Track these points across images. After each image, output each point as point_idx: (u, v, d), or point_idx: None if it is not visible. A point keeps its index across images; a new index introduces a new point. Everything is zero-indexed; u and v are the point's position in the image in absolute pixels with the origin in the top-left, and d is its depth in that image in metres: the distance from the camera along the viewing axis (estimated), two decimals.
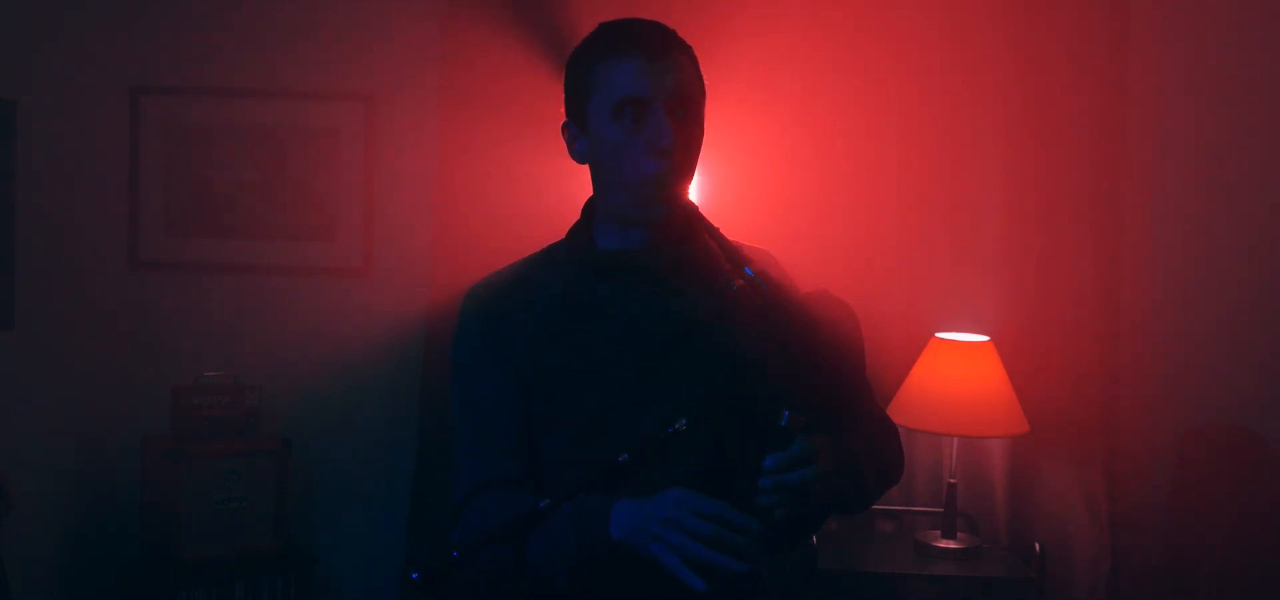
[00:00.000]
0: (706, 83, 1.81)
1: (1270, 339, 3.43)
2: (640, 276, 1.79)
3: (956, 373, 3.19)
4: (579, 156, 1.83)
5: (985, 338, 3.28)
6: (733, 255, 1.70)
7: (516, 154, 3.41)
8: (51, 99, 3.24)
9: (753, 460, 1.63)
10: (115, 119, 3.55)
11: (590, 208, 1.88)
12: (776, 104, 3.41)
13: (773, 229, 3.02)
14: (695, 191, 1.83)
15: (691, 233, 1.78)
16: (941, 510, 3.28)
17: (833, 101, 3.42)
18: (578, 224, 1.88)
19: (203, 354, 3.50)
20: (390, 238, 3.62)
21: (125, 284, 3.60)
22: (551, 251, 1.88)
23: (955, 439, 3.22)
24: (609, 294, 1.79)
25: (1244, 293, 3.44)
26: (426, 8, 3.53)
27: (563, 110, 1.85)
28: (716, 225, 1.75)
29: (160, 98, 3.57)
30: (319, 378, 3.57)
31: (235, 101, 3.58)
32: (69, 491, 3.45)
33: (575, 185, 3.35)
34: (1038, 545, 3.19)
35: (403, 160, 3.60)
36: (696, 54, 1.81)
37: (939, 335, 3.30)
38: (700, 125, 1.79)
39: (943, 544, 3.22)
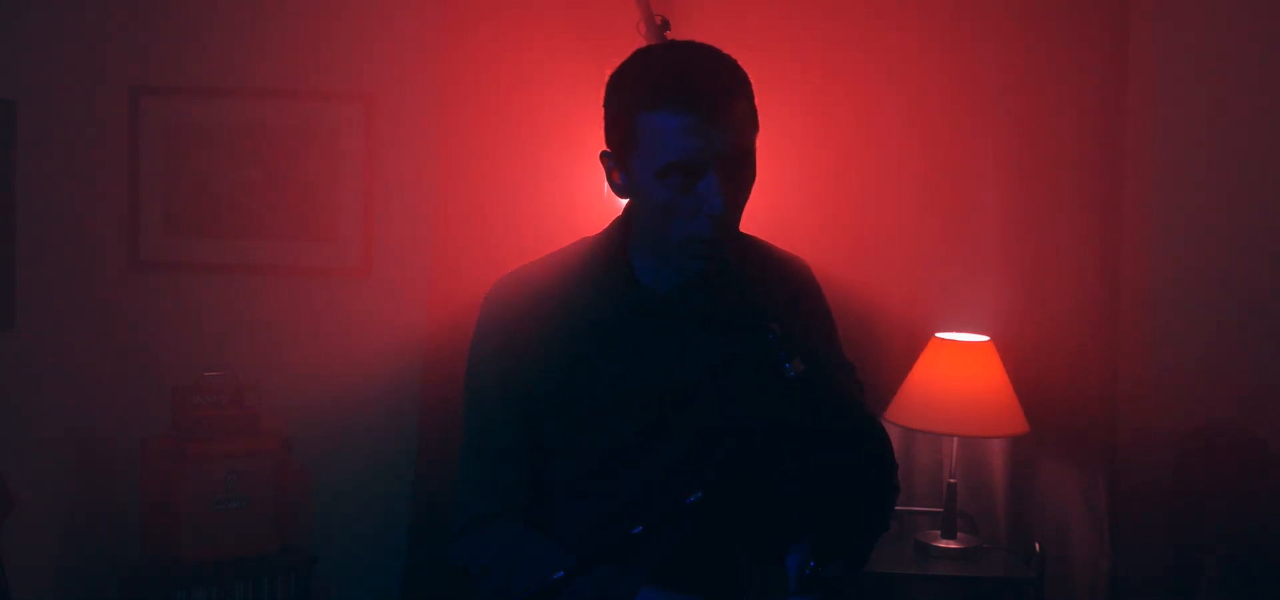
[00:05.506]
0: None
1: (1270, 339, 3.43)
2: (674, 318, 1.69)
3: (956, 373, 3.19)
4: (619, 191, 1.67)
5: (985, 338, 3.28)
6: (772, 315, 1.57)
7: (516, 153, 3.41)
8: (51, 99, 3.24)
9: (765, 512, 1.59)
10: (115, 119, 3.55)
11: (626, 224, 1.74)
12: (776, 105, 3.40)
13: (772, 230, 3.02)
14: None
15: (732, 271, 1.65)
16: (941, 510, 3.28)
17: (832, 102, 3.42)
18: (613, 240, 1.74)
19: (203, 354, 3.50)
20: (390, 238, 3.62)
21: (125, 284, 3.60)
22: (583, 265, 1.74)
23: (955, 439, 3.22)
24: (642, 329, 1.69)
25: (1244, 293, 3.44)
26: (426, 8, 3.53)
27: (564, 110, 1.81)
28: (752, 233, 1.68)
29: (160, 98, 3.57)
30: (319, 378, 3.57)
31: (235, 101, 3.58)
32: (69, 492, 3.45)
33: (575, 185, 3.34)
34: (1038, 545, 3.19)
35: (403, 160, 3.60)
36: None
37: (939, 335, 3.30)
38: (753, 172, 1.62)
39: (943, 544, 3.22)
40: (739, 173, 1.59)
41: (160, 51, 3.57)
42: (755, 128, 1.61)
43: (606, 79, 1.67)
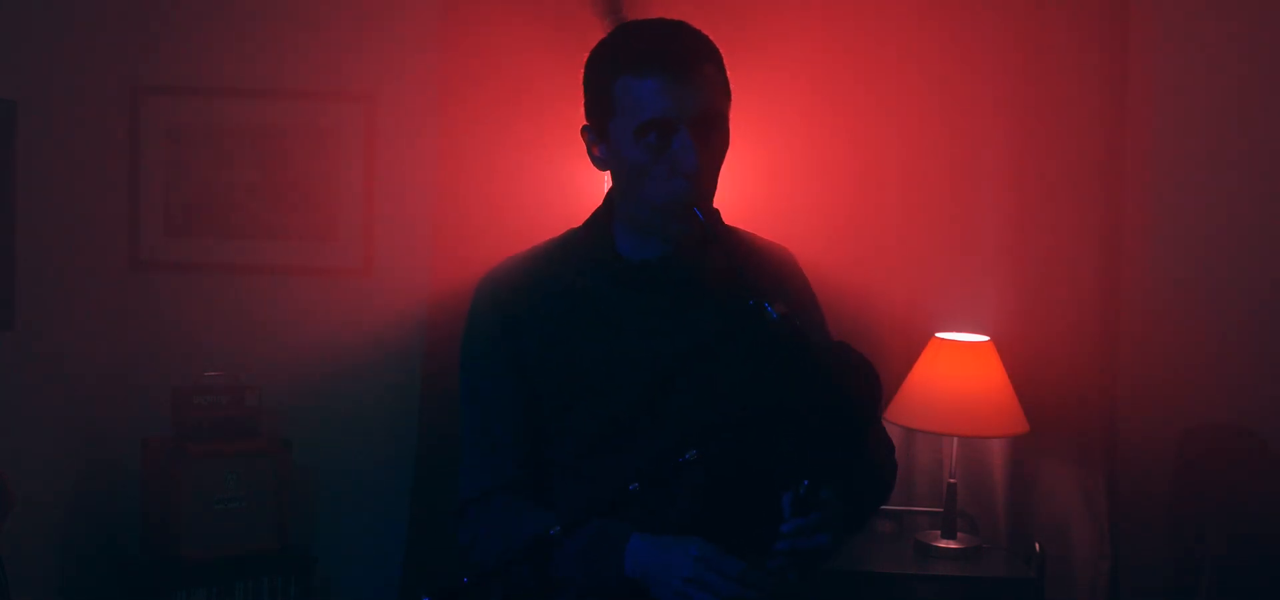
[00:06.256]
0: None
1: (1270, 339, 3.43)
2: (660, 289, 1.75)
3: (956, 373, 3.19)
4: (598, 163, 1.76)
5: (985, 338, 3.28)
6: (751, 272, 1.63)
7: (516, 153, 3.41)
8: (51, 99, 3.24)
9: (761, 492, 1.62)
10: (115, 119, 3.55)
11: (610, 204, 1.81)
12: (777, 103, 3.41)
13: (773, 229, 3.02)
14: None
15: (712, 241, 1.73)
16: (941, 510, 3.28)
17: (833, 101, 3.42)
18: (598, 218, 1.82)
19: (203, 354, 3.50)
20: (390, 237, 3.62)
21: (125, 284, 3.60)
22: (569, 245, 1.82)
23: (955, 439, 3.22)
24: (627, 304, 1.75)
25: (1244, 293, 3.44)
26: (426, 7, 3.53)
27: (564, 109, 1.84)
28: (734, 225, 1.72)
29: (160, 98, 3.57)
30: (319, 378, 3.57)
31: (235, 101, 3.58)
32: (69, 491, 3.45)
33: (575, 184, 3.35)
34: (1038, 545, 3.19)
35: (403, 160, 3.60)
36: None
37: (939, 335, 3.30)
38: (726, 136, 1.72)
39: (943, 544, 3.22)
40: (711, 135, 1.68)
41: (160, 51, 3.57)
42: (727, 96, 1.72)
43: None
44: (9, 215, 3.06)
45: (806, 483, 1.57)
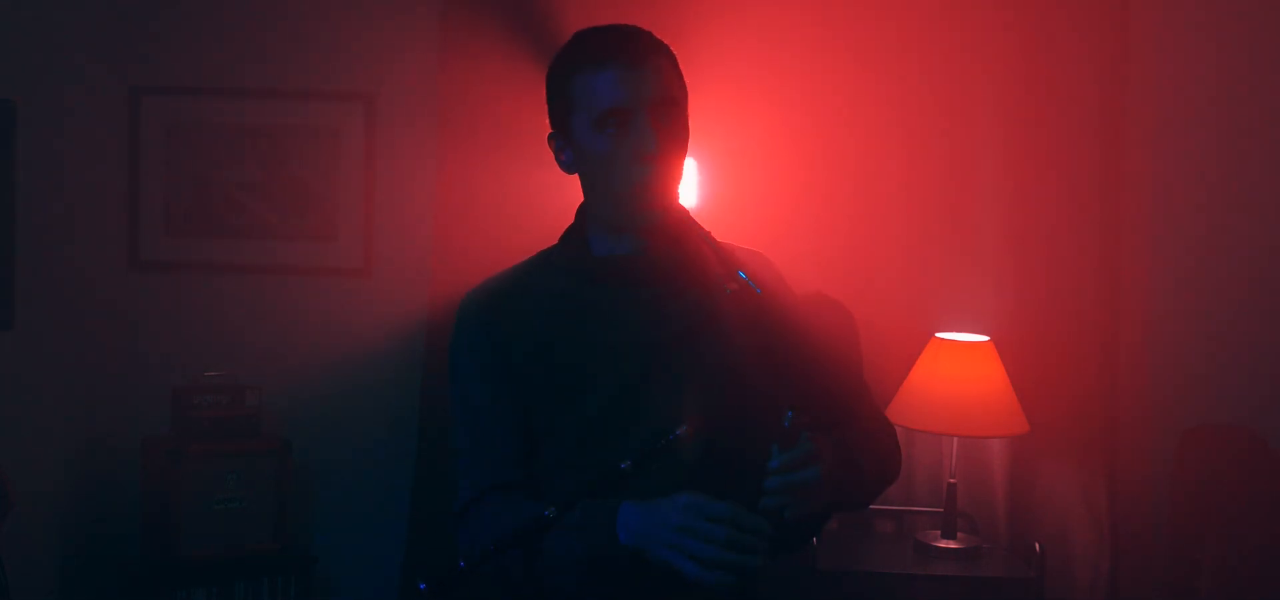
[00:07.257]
0: (706, 82, 1.81)
1: (1270, 339, 3.43)
2: (636, 281, 1.79)
3: (956, 373, 3.19)
4: (567, 166, 1.82)
5: (985, 338, 3.28)
6: (725, 259, 1.69)
7: (516, 153, 3.41)
8: (51, 99, 3.24)
9: (752, 463, 1.64)
10: (115, 119, 3.55)
11: (583, 212, 1.87)
12: (776, 104, 3.42)
13: (772, 229, 3.02)
14: (694, 191, 1.83)
15: (684, 235, 1.78)
16: (941, 510, 3.28)
17: (833, 101, 3.42)
18: (571, 228, 1.88)
19: (203, 354, 3.50)
20: (390, 238, 3.62)
21: (125, 284, 3.60)
22: (547, 256, 1.88)
23: (955, 439, 3.22)
24: (605, 299, 1.79)
25: (1244, 293, 3.44)
26: (426, 9, 3.53)
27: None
28: (709, 227, 1.74)
29: (160, 98, 3.57)
30: (319, 378, 3.57)
31: (235, 101, 3.58)
32: (69, 491, 3.45)
33: (574, 185, 3.36)
34: (1038, 545, 3.19)
35: (403, 160, 3.60)
36: (694, 53, 1.79)
37: (939, 335, 3.30)
38: (685, 126, 1.78)
39: (943, 544, 3.22)
40: (670, 122, 1.73)
41: (160, 51, 3.57)
42: (682, 89, 1.78)
43: None
44: (9, 215, 3.06)
45: (790, 414, 1.60)
